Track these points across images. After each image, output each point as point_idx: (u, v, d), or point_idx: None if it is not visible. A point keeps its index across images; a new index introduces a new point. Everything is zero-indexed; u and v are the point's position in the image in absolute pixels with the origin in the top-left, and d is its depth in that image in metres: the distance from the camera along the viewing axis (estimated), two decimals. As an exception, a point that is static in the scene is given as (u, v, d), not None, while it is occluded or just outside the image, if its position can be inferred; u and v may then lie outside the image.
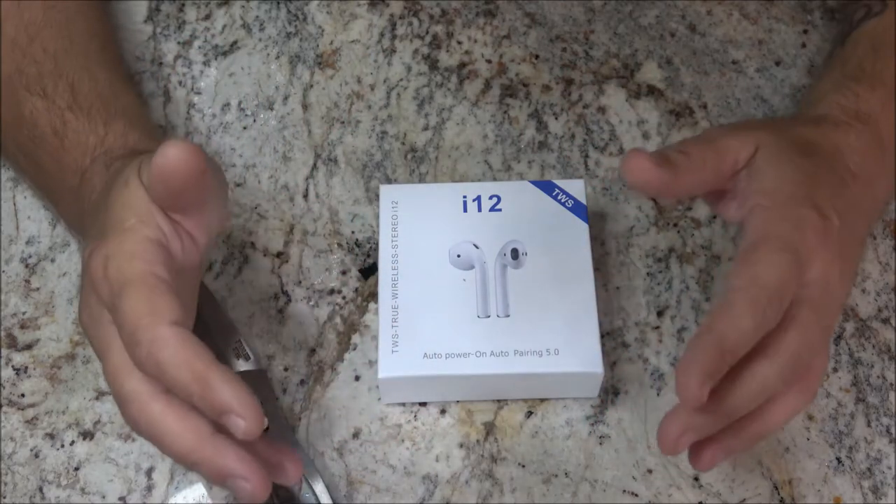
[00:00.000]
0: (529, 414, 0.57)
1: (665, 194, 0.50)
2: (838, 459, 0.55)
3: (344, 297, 0.60)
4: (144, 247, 0.44)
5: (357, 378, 0.58)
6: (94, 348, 0.45)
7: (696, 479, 0.55)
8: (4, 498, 0.54)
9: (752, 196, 0.50)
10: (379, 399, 0.57)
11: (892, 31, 0.59)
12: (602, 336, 0.57)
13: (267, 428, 0.55)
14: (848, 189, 0.52)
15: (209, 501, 0.55)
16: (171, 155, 0.43)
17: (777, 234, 0.48)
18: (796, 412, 0.51)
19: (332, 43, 0.68)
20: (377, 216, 0.60)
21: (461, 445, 0.56)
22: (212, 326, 0.57)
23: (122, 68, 0.63)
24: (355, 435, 0.56)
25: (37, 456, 0.56)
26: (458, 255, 0.56)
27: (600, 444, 0.56)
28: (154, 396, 0.42)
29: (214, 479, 0.43)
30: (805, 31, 0.68)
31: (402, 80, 0.67)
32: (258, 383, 0.56)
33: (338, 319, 0.59)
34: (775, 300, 0.45)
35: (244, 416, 0.41)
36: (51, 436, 0.56)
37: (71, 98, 0.55)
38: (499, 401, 0.57)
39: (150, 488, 0.55)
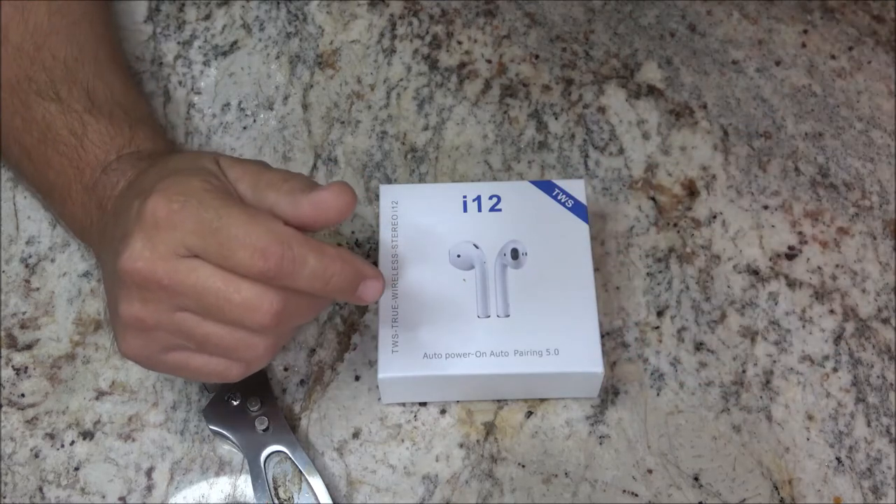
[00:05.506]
0: (529, 414, 0.57)
1: None
2: (838, 459, 0.55)
3: (344, 297, 0.60)
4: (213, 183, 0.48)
5: (357, 378, 0.58)
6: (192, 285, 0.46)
7: (696, 478, 0.55)
8: (4, 498, 0.55)
9: None
10: (379, 399, 0.57)
11: None
12: (602, 336, 0.57)
13: (267, 428, 0.55)
14: None
15: (209, 501, 0.55)
16: (347, 200, 0.48)
17: None
18: None
19: (332, 43, 0.68)
20: (377, 216, 0.60)
21: (461, 445, 0.56)
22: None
23: (129, 73, 0.63)
24: (355, 435, 0.56)
25: (37, 456, 0.56)
26: (458, 255, 0.56)
27: (600, 444, 0.56)
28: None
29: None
30: (805, 31, 0.68)
31: (402, 80, 0.67)
32: (258, 383, 0.56)
33: (337, 319, 0.59)
34: None
35: (379, 279, 0.49)
36: (51, 436, 0.56)
37: (89, 102, 0.56)
38: (499, 401, 0.57)
39: (150, 488, 0.55)
